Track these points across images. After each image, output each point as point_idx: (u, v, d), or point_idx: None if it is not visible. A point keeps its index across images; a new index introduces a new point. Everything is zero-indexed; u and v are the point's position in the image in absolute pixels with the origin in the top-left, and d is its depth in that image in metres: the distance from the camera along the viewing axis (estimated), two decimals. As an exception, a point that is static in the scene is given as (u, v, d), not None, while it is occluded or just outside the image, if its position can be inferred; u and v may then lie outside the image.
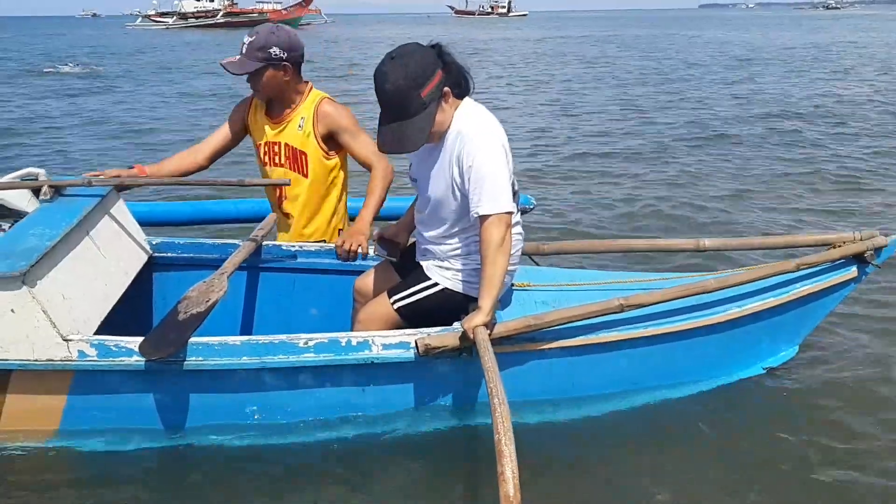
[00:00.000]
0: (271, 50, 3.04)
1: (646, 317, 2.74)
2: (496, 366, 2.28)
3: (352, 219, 4.02)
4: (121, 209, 3.15)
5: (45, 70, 22.19)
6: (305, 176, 3.24)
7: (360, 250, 2.97)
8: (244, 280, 3.34)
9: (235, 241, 3.32)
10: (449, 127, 2.54)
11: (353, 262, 3.27)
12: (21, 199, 3.10)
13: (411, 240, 2.96)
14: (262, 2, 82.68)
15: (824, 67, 20.71)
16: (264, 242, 3.31)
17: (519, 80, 18.57)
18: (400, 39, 2.60)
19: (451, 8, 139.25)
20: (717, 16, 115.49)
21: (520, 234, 2.72)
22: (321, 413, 2.64)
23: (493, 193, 2.43)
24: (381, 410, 2.66)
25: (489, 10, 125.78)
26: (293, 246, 3.31)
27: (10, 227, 3.08)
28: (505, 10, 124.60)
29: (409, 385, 2.65)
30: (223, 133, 3.36)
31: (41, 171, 3.13)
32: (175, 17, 77.34)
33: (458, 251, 2.67)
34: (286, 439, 2.64)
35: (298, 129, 3.19)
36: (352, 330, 3.03)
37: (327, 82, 16.04)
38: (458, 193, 2.55)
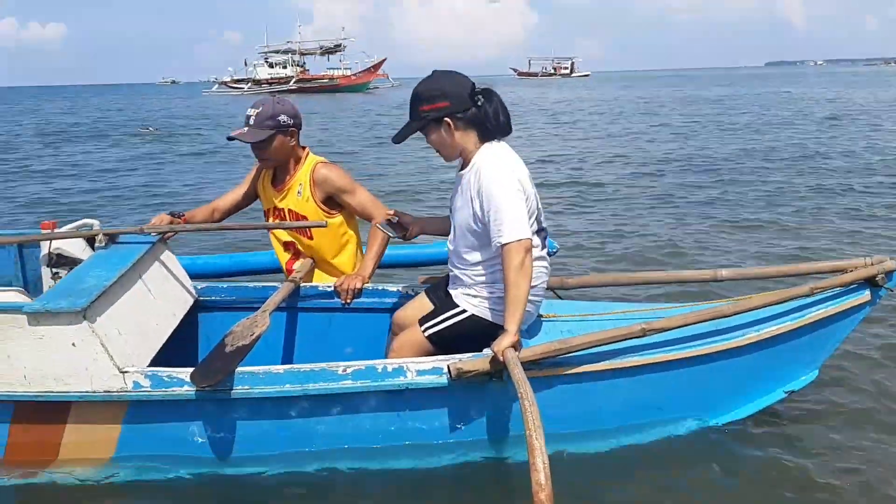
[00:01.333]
0: (280, 118, 3.35)
1: (667, 342, 2.86)
2: (525, 377, 2.43)
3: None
4: (169, 256, 3.36)
5: (118, 136, 23.11)
6: (310, 238, 3.51)
7: (355, 288, 3.25)
8: (283, 320, 3.52)
9: (275, 284, 3.51)
10: (470, 161, 2.80)
11: (382, 301, 3.46)
12: (77, 248, 3.31)
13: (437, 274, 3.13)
14: (332, 68, 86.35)
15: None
16: (302, 284, 3.50)
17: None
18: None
19: (514, 70, 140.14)
20: (791, 73, 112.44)
21: (545, 267, 2.89)
22: (359, 438, 2.77)
23: (511, 223, 2.64)
24: (417, 434, 2.78)
25: (552, 70, 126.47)
26: (329, 286, 3.50)
27: (66, 274, 3.30)
28: (568, 71, 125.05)
29: (443, 410, 2.78)
30: (239, 193, 3.64)
31: (95, 222, 3.36)
32: (250, 84, 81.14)
33: (485, 279, 2.83)
34: (327, 464, 2.77)
35: (298, 195, 3.45)
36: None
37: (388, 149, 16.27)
38: (480, 224, 2.75)
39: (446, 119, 2.75)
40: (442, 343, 2.87)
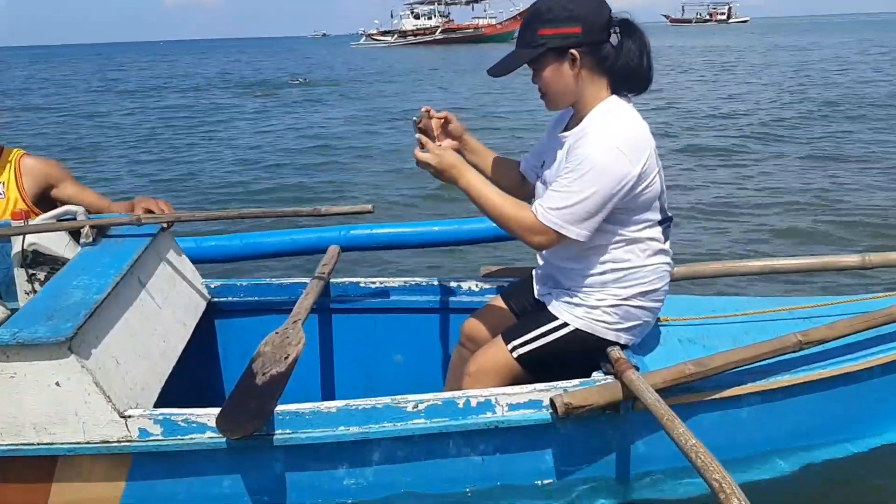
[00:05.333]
0: None
1: (823, 353, 2.24)
2: (663, 403, 1.91)
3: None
4: (175, 250, 2.70)
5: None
6: None
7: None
8: (315, 324, 2.88)
9: (302, 280, 2.86)
10: (582, 118, 2.11)
11: (436, 299, 2.83)
12: (58, 243, 2.65)
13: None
14: (478, 17, 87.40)
15: None
16: (332, 280, 2.86)
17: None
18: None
19: (666, 17, 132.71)
20: None
21: (668, 264, 2.22)
22: (434, 489, 2.15)
23: (569, 206, 2.00)
24: (509, 484, 2.16)
25: (707, 16, 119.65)
26: (373, 282, 2.86)
27: (45, 276, 2.63)
28: (725, 17, 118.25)
29: (542, 452, 2.15)
30: None
31: (80, 210, 2.69)
32: (395, 35, 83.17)
33: (590, 279, 2.17)
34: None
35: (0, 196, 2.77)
36: (448, 379, 2.59)
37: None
38: None
39: (573, 51, 2.03)
40: (534, 365, 2.23)
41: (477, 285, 2.81)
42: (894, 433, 2.41)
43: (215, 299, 2.84)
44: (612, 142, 1.98)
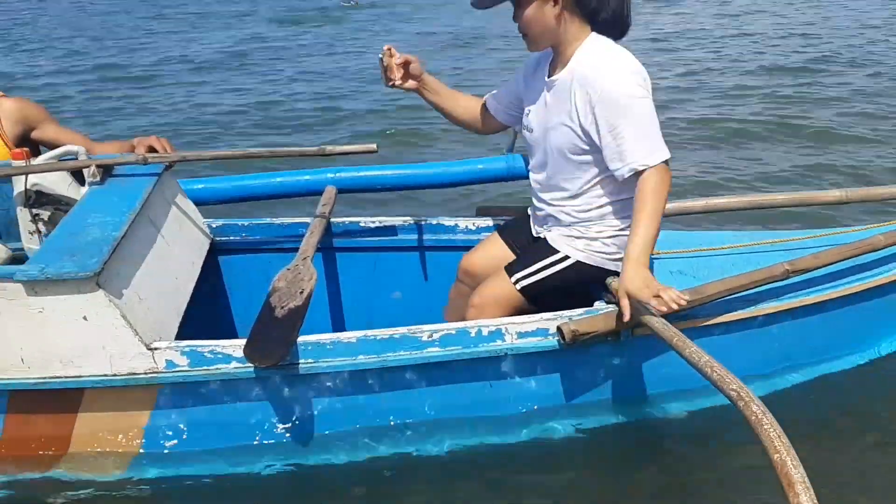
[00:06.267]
0: None
1: (807, 282, 2.41)
2: (673, 329, 1.98)
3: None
4: (179, 190, 2.74)
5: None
6: None
7: None
8: (320, 263, 2.95)
9: (301, 220, 2.92)
10: (567, 59, 2.18)
11: (433, 238, 2.92)
12: (60, 184, 2.65)
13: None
14: None
15: None
16: (331, 219, 2.93)
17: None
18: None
19: None
20: None
21: None
22: (448, 413, 2.28)
23: (653, 141, 2.07)
24: (518, 407, 2.31)
25: None
26: (373, 221, 2.93)
27: (49, 216, 2.65)
28: None
29: (549, 377, 2.29)
30: None
31: (81, 149, 2.69)
32: None
33: (590, 214, 2.28)
34: (410, 446, 2.28)
35: None
36: (447, 314, 2.69)
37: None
38: (585, 144, 2.17)
39: None
40: (536, 297, 2.35)
41: (473, 223, 2.90)
42: (876, 350, 2.62)
43: (217, 238, 2.89)
44: (622, 71, 2.09)
